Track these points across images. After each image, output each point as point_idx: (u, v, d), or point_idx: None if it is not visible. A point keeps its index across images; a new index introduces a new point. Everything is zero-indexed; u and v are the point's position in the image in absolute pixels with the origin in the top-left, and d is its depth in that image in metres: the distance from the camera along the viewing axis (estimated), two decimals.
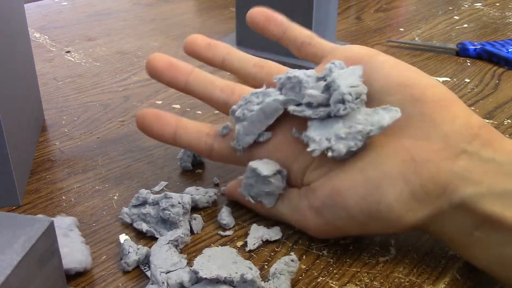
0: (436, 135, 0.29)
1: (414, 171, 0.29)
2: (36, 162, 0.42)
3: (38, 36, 0.69)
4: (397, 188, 0.29)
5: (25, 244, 0.23)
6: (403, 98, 0.31)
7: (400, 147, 0.30)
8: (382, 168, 0.30)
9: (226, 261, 0.30)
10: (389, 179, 0.29)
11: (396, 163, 0.30)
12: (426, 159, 0.29)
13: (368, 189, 0.30)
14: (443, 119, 0.30)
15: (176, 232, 0.33)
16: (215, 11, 0.81)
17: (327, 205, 0.31)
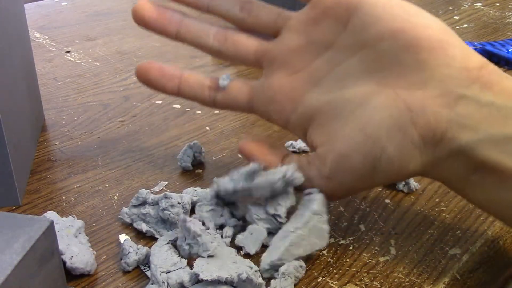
0: (431, 82, 0.29)
1: (411, 121, 0.29)
2: (36, 162, 0.42)
3: (38, 36, 0.69)
4: (395, 140, 0.29)
5: (25, 244, 0.23)
6: (395, 45, 0.29)
7: (395, 97, 0.29)
8: (380, 123, 0.29)
9: (226, 261, 0.30)
10: (387, 132, 0.29)
11: (392, 114, 0.29)
12: (422, 108, 0.28)
13: (369, 146, 0.30)
14: (439, 63, 0.28)
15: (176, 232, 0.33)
16: None
17: (335, 170, 0.31)
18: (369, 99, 0.30)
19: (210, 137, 0.47)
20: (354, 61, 0.31)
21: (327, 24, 0.32)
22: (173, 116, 0.50)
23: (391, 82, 0.30)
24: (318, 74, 0.32)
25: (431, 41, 0.29)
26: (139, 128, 0.48)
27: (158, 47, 0.66)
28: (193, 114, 0.51)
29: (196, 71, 0.60)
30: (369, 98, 0.30)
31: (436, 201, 0.39)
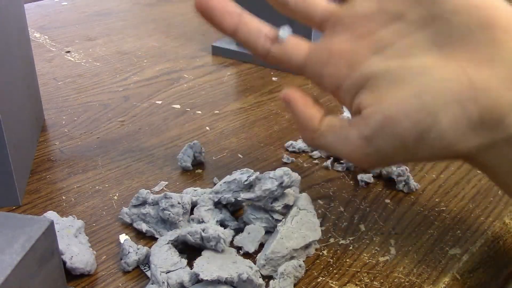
0: (501, 62, 0.27)
1: (473, 98, 0.28)
2: (36, 162, 0.43)
3: (38, 36, 0.69)
4: (452, 114, 0.28)
5: (25, 244, 0.23)
6: (470, 20, 0.28)
7: (460, 72, 0.28)
8: (439, 93, 0.28)
9: (226, 261, 0.30)
10: (445, 104, 0.28)
11: (454, 88, 0.28)
12: (487, 87, 0.28)
13: (422, 114, 0.28)
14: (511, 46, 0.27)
15: (176, 232, 0.33)
16: None
17: (378, 132, 0.30)
18: (432, 70, 0.29)
19: (210, 137, 0.47)
20: (423, 33, 0.30)
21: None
22: (173, 116, 0.50)
23: (459, 56, 0.29)
24: (382, 43, 0.31)
25: (509, 21, 0.28)
26: (139, 128, 0.48)
27: (158, 47, 0.67)
28: (193, 114, 0.51)
29: (196, 70, 0.60)
30: (432, 68, 0.29)
31: (436, 201, 0.39)
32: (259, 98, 0.54)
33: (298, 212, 0.34)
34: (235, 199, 0.35)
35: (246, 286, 0.29)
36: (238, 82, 0.58)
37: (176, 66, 0.61)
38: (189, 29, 0.73)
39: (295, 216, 0.33)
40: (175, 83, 0.57)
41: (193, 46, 0.67)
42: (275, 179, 0.33)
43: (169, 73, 0.59)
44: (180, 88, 0.56)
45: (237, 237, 0.34)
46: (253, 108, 0.52)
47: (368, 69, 0.31)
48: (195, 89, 0.56)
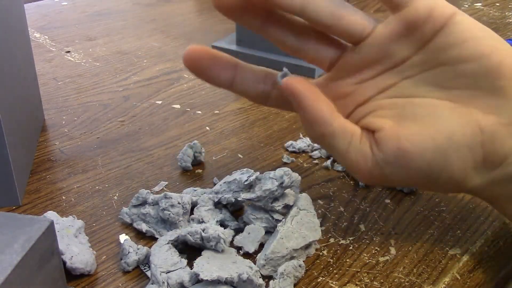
0: (505, 109, 0.29)
1: (480, 143, 0.29)
2: (36, 162, 0.42)
3: (38, 36, 0.69)
4: (463, 157, 0.30)
5: (25, 244, 0.23)
6: (477, 69, 0.29)
7: (470, 117, 0.30)
8: (453, 139, 0.30)
9: (226, 261, 0.30)
10: (458, 149, 0.30)
11: (466, 134, 0.29)
12: (493, 133, 0.29)
13: (436, 157, 0.30)
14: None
15: (176, 232, 0.33)
16: (215, 11, 0.81)
17: (390, 162, 0.31)
18: (442, 111, 0.30)
19: (210, 137, 0.47)
20: (428, 76, 0.31)
21: (408, 41, 0.31)
22: (173, 116, 0.50)
23: (466, 100, 0.30)
24: (386, 84, 0.32)
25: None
26: (139, 128, 0.48)
27: (158, 47, 0.66)
28: (193, 114, 0.51)
29: None
30: (441, 109, 0.30)
31: (436, 201, 0.39)
32: None
33: (298, 212, 0.34)
34: (235, 199, 0.35)
35: (246, 286, 0.29)
36: None
37: (176, 66, 0.61)
38: (189, 29, 0.73)
39: (295, 216, 0.33)
40: (175, 83, 0.57)
41: None
42: (275, 179, 0.33)
43: (169, 73, 0.59)
44: (180, 88, 0.56)
45: (237, 237, 0.34)
46: (253, 108, 0.52)
47: (374, 104, 0.32)
48: (195, 89, 0.56)
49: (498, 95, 0.29)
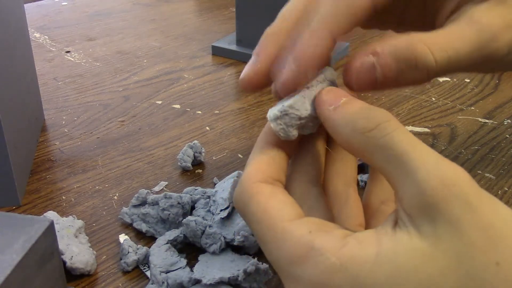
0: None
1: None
2: (36, 162, 0.42)
3: (38, 36, 0.69)
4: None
5: (25, 244, 0.23)
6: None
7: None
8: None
9: (225, 261, 0.30)
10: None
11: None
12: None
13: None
14: None
15: (176, 232, 0.33)
16: (215, 11, 0.81)
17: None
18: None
19: (210, 137, 0.47)
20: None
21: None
22: (173, 116, 0.50)
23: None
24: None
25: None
26: (139, 128, 0.48)
27: (158, 47, 0.66)
28: (193, 114, 0.51)
29: (196, 70, 0.60)
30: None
31: None
32: (259, 98, 0.54)
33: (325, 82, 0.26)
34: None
35: (252, 278, 0.29)
36: (238, 82, 0.58)
37: (176, 66, 0.61)
38: (189, 29, 0.73)
39: (321, 84, 0.25)
40: (175, 83, 0.57)
41: (193, 46, 0.67)
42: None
43: (169, 73, 0.59)
44: (180, 88, 0.56)
45: (238, 236, 0.34)
46: (253, 108, 0.52)
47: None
48: (195, 89, 0.56)
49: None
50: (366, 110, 0.22)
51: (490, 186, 0.40)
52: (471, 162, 0.43)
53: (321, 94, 0.24)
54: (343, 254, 0.20)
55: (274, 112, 0.24)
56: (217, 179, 0.41)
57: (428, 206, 0.19)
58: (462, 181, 0.20)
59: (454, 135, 0.47)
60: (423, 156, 0.20)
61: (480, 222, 0.19)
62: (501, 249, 0.18)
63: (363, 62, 0.24)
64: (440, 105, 0.53)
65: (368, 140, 0.21)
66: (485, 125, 0.49)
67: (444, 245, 0.19)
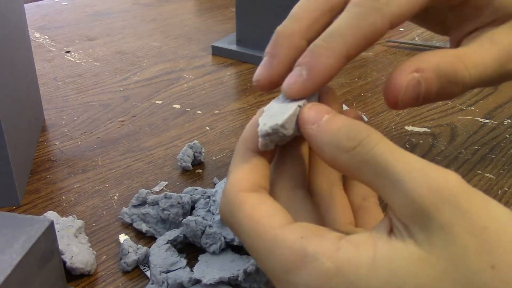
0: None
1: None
2: (36, 162, 0.42)
3: (38, 36, 0.69)
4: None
5: (25, 244, 0.23)
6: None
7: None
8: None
9: (224, 261, 0.30)
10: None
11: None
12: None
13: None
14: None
15: (175, 232, 0.33)
16: (215, 11, 0.81)
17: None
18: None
19: (210, 137, 0.47)
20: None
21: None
22: (173, 116, 0.50)
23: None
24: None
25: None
26: (139, 128, 0.48)
27: (158, 47, 0.66)
28: (193, 114, 0.51)
29: (196, 70, 0.60)
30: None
31: None
32: (259, 98, 0.54)
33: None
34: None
35: (253, 278, 0.29)
36: (238, 82, 0.58)
37: (176, 66, 0.61)
38: (189, 29, 0.73)
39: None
40: (175, 83, 0.57)
41: (193, 46, 0.67)
42: None
43: (169, 73, 0.59)
44: (180, 88, 0.56)
45: None
46: (253, 108, 0.52)
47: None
48: (195, 89, 0.56)
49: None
50: (348, 128, 0.22)
51: (490, 186, 0.40)
52: (471, 162, 0.43)
53: (303, 113, 0.24)
54: (338, 258, 0.20)
55: (265, 129, 0.24)
56: (217, 179, 0.41)
57: (419, 214, 0.19)
58: (451, 185, 0.19)
59: (454, 135, 0.47)
60: (408, 166, 0.20)
61: (472, 225, 0.19)
62: (496, 251, 0.18)
63: (409, 80, 0.25)
64: (440, 105, 0.53)
65: (353, 157, 0.21)
66: (485, 125, 0.49)
67: (438, 251, 0.19)
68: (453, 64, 0.26)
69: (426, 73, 0.25)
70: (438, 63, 0.25)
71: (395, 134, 0.47)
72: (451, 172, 0.20)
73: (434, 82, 0.25)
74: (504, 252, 0.18)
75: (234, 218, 0.23)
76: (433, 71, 0.25)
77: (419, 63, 0.25)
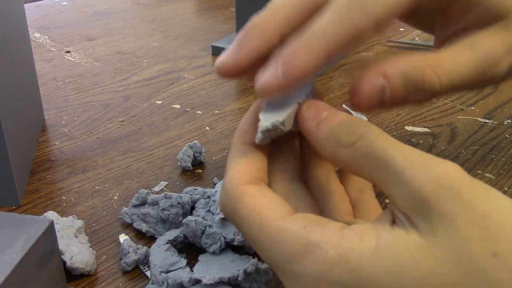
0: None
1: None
2: (36, 162, 0.42)
3: (38, 36, 0.69)
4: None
5: (25, 244, 0.23)
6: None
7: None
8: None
9: (224, 261, 0.30)
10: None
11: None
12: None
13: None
14: None
15: (175, 232, 0.33)
16: (215, 11, 0.81)
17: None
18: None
19: (210, 137, 0.47)
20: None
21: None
22: (173, 116, 0.50)
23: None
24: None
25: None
26: (139, 128, 0.48)
27: (158, 47, 0.66)
28: (193, 114, 0.51)
29: (196, 70, 0.60)
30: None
31: None
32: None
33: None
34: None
35: (253, 278, 0.29)
36: (238, 82, 0.58)
37: (176, 66, 0.61)
38: (189, 29, 0.73)
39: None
40: (175, 83, 0.57)
41: (193, 46, 0.67)
42: None
43: (169, 73, 0.59)
44: (180, 88, 0.56)
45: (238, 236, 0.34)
46: None
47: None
48: (195, 89, 0.56)
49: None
50: (348, 123, 0.22)
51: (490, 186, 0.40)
52: (471, 162, 0.43)
53: (302, 110, 0.24)
54: (341, 246, 0.20)
55: (267, 125, 0.24)
56: (217, 179, 0.41)
57: (420, 204, 0.19)
58: (452, 175, 0.19)
59: (454, 135, 0.47)
60: (408, 158, 0.20)
61: (474, 214, 0.19)
62: (498, 240, 0.18)
63: (374, 85, 0.24)
64: (440, 105, 0.53)
65: (354, 152, 0.21)
66: (485, 125, 0.49)
67: (441, 239, 0.19)
68: (422, 70, 0.25)
69: (392, 79, 0.24)
70: (406, 69, 0.25)
71: (395, 134, 0.47)
72: (451, 163, 0.20)
73: (400, 88, 0.24)
74: (506, 240, 0.18)
75: (235, 211, 0.23)
76: (399, 76, 0.24)
77: (386, 68, 0.24)
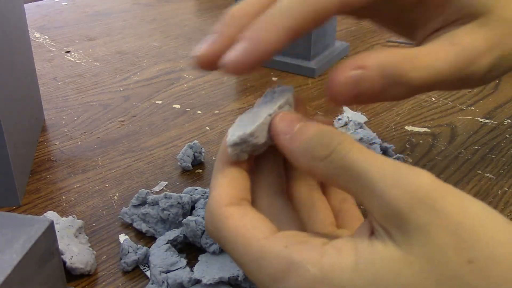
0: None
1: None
2: (36, 162, 0.42)
3: (38, 36, 0.69)
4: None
5: (25, 244, 0.23)
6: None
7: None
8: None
9: (224, 261, 0.30)
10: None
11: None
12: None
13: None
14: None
15: (175, 232, 0.33)
16: (215, 11, 0.81)
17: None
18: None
19: (210, 137, 0.47)
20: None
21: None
22: (173, 116, 0.50)
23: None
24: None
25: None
26: (139, 128, 0.48)
27: (158, 47, 0.66)
28: (193, 114, 0.51)
29: (196, 70, 0.60)
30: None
31: None
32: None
33: (285, 107, 0.26)
34: None
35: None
36: (238, 82, 0.58)
37: (176, 66, 0.61)
38: (189, 29, 0.73)
39: (282, 108, 0.25)
40: (175, 83, 0.57)
41: (193, 46, 0.67)
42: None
43: (169, 73, 0.59)
44: (180, 88, 0.56)
45: None
46: None
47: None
48: (195, 89, 0.56)
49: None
50: (320, 136, 0.22)
51: (490, 186, 0.40)
52: (471, 162, 0.43)
53: (275, 123, 0.24)
54: (323, 264, 0.20)
55: (233, 139, 0.24)
56: None
57: (395, 216, 0.19)
58: (424, 185, 0.19)
59: (454, 135, 0.47)
60: (381, 169, 0.20)
61: (448, 223, 0.19)
62: (472, 246, 0.18)
63: (349, 77, 0.24)
64: (440, 105, 0.53)
65: (329, 165, 0.21)
66: (485, 125, 0.49)
67: (417, 250, 0.19)
68: (400, 63, 0.24)
69: (369, 70, 0.24)
70: (383, 62, 0.24)
71: (395, 134, 0.47)
72: (424, 172, 0.20)
73: (377, 80, 0.24)
74: (480, 246, 0.18)
75: (219, 233, 0.23)
76: (376, 69, 0.24)
77: (364, 60, 0.24)
